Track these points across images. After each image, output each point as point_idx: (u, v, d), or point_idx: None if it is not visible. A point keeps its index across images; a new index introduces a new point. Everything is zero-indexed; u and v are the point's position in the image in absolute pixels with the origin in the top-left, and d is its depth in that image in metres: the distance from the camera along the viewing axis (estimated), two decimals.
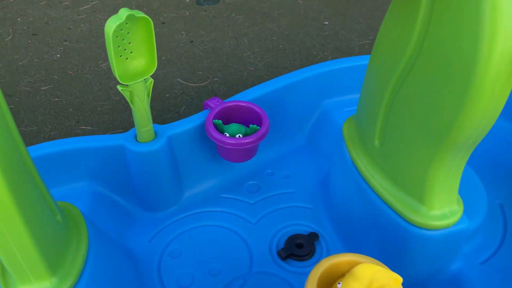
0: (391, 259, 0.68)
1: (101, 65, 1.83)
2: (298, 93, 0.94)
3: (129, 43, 0.67)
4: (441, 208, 0.62)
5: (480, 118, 0.51)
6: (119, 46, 0.66)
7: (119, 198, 0.82)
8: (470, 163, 0.85)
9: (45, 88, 1.70)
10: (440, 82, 0.52)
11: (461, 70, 0.49)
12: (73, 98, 1.64)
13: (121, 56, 0.67)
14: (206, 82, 1.73)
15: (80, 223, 0.59)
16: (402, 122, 0.61)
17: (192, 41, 1.97)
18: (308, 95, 0.95)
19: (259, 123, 0.80)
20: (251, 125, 0.79)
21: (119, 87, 0.69)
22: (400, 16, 0.56)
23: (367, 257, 0.57)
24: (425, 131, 0.56)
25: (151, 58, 0.69)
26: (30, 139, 1.47)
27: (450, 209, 0.62)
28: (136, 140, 0.77)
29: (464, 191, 0.73)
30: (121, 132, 1.50)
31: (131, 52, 0.68)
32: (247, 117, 0.83)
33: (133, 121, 1.56)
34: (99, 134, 1.48)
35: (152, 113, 1.57)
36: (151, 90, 0.73)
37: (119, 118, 1.56)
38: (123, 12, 0.61)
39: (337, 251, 0.77)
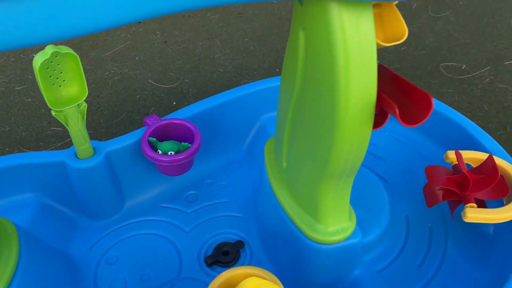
0: (298, 269, 0.76)
1: None
2: (238, 108, 1.01)
3: (61, 72, 0.74)
4: (334, 225, 0.70)
5: (346, 157, 0.58)
6: (51, 76, 0.73)
7: (64, 208, 0.90)
8: (386, 175, 0.92)
9: (19, 88, 1.77)
10: (315, 124, 0.60)
11: (326, 117, 0.56)
12: None
13: (54, 84, 0.74)
14: (176, 84, 1.80)
15: (12, 235, 0.67)
16: (298, 150, 0.68)
17: (166, 42, 2.03)
18: (248, 110, 1.02)
19: (192, 140, 0.88)
20: (183, 143, 0.87)
21: (53, 112, 0.76)
22: (290, 53, 0.63)
23: (262, 270, 0.65)
24: (311, 161, 0.64)
25: (82, 86, 0.76)
26: (2, 140, 1.54)
27: (342, 226, 0.70)
28: (76, 156, 0.85)
29: (368, 207, 0.81)
30: (90, 133, 1.57)
31: (63, 80, 0.75)
32: (181, 134, 0.90)
33: (103, 123, 1.63)
34: (66, 135, 1.55)
35: (121, 115, 1.64)
36: (85, 114, 0.80)
37: (89, 119, 1.63)
38: (49, 49, 0.68)
39: (259, 259, 0.85)
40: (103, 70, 1.87)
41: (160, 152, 0.85)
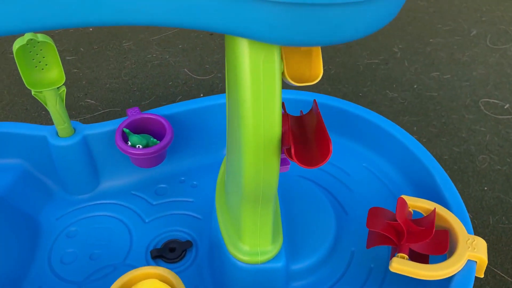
0: (226, 282, 0.78)
1: (124, 44, 2.00)
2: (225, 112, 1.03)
3: (43, 57, 0.81)
4: (254, 246, 0.71)
5: (255, 185, 0.60)
6: (33, 59, 0.81)
7: (44, 177, 0.99)
8: (348, 206, 0.91)
9: (69, 58, 1.91)
10: (234, 147, 0.61)
11: (238, 144, 0.58)
12: (89, 72, 1.84)
13: (36, 66, 0.82)
14: (209, 77, 1.85)
15: None
16: (230, 167, 0.70)
17: (211, 34, 2.09)
18: None
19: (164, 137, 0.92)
20: (151, 139, 0.91)
21: (33, 92, 0.84)
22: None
23: (172, 273, 0.68)
24: (235, 182, 0.66)
25: (60, 72, 0.83)
26: (40, 104, 1.68)
27: (262, 249, 0.71)
28: (57, 134, 0.93)
29: (310, 236, 0.80)
30: (117, 111, 1.68)
31: (46, 64, 0.82)
32: (156, 129, 0.95)
33: (132, 103, 1.73)
34: (99, 109, 1.66)
35: (150, 98, 1.73)
36: (64, 97, 0.87)
37: (122, 97, 1.73)
38: (26, 36, 0.75)
39: (201, 263, 0.88)
40: (147, 53, 1.97)
41: (129, 144, 0.91)
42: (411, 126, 1.60)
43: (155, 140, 0.91)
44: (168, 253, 0.89)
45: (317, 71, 0.54)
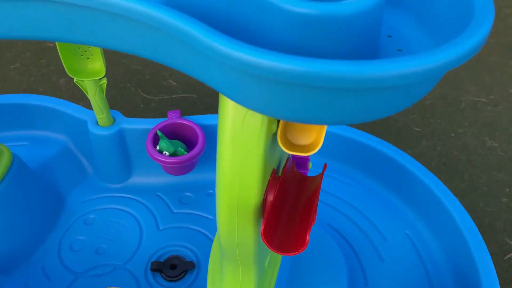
0: None
1: None
2: None
3: (89, 47, 0.80)
4: None
5: (231, 244, 0.53)
6: (79, 47, 0.80)
7: (83, 158, 1.01)
8: (370, 275, 0.79)
9: None
10: None
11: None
12: None
13: (82, 55, 0.81)
14: None
15: (3, 159, 0.78)
16: None
17: None
18: None
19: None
20: (180, 148, 0.87)
21: (75, 79, 0.84)
22: None
23: None
24: None
25: (101, 64, 0.82)
26: (130, 75, 1.74)
27: None
28: (96, 122, 0.93)
29: None
30: (194, 96, 1.68)
31: (91, 55, 0.81)
32: (190, 138, 0.90)
33: (210, 92, 1.72)
34: (178, 91, 1.68)
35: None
36: (105, 88, 0.87)
37: (202, 85, 1.74)
38: None
39: (202, 286, 0.83)
40: None
41: (158, 148, 0.87)
42: (504, 185, 1.38)
43: (183, 150, 0.87)
44: (167, 270, 0.85)
45: (316, 143, 0.44)
